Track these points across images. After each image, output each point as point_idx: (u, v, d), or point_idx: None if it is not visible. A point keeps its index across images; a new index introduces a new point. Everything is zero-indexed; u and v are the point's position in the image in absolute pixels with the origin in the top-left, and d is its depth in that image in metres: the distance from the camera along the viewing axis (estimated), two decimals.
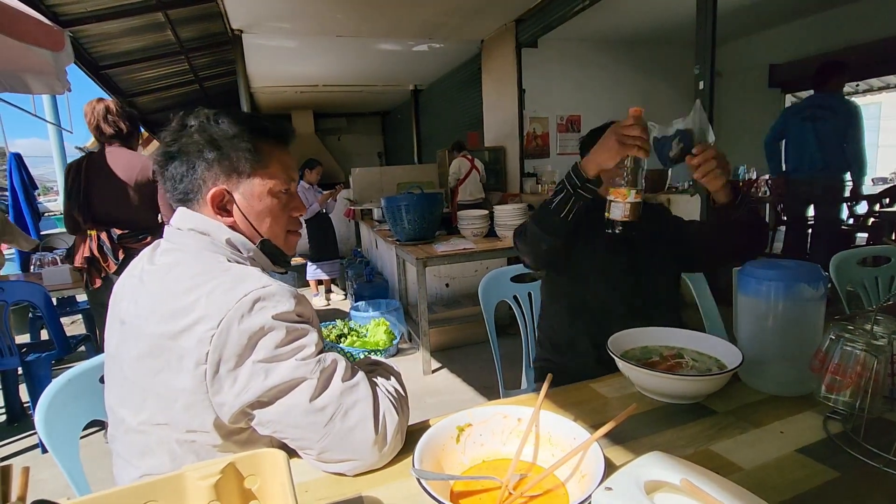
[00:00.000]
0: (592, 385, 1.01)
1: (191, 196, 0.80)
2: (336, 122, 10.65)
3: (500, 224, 3.28)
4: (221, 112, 0.81)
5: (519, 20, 4.88)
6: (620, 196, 1.03)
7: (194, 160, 0.78)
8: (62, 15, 3.84)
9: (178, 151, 0.79)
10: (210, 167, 0.79)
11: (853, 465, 0.70)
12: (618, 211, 1.04)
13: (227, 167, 0.79)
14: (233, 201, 0.80)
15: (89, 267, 2.28)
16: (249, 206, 0.81)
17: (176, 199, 0.82)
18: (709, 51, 3.07)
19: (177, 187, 0.80)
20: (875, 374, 0.73)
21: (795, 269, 0.92)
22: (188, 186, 0.80)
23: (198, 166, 0.78)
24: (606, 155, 1.04)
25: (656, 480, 0.57)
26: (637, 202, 1.03)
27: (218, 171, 0.79)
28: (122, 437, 0.76)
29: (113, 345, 0.78)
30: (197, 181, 0.79)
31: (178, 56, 5.46)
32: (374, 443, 0.72)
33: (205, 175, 0.79)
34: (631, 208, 1.03)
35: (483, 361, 3.17)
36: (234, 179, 0.80)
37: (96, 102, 2.28)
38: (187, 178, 0.79)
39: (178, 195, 0.81)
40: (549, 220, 1.18)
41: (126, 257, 2.28)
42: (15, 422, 2.69)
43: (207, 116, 0.80)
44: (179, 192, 0.80)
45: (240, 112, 0.84)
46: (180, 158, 0.79)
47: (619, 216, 1.04)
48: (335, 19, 4.56)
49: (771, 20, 5.60)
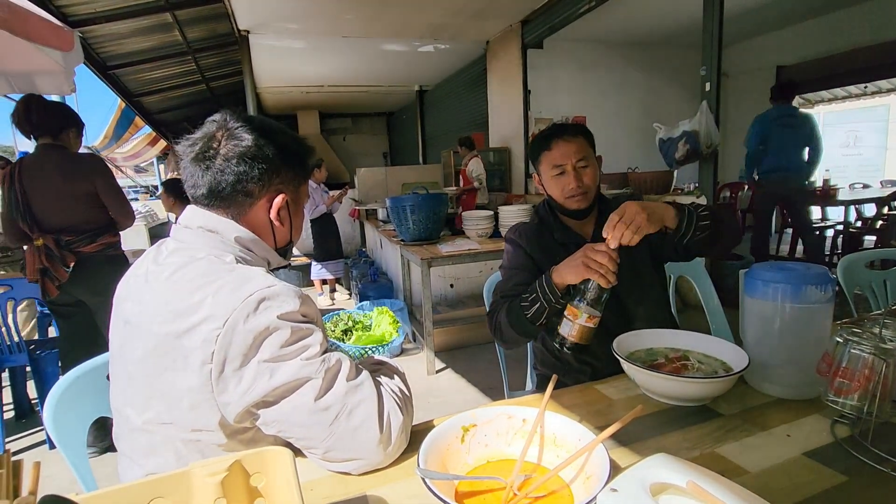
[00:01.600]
0: (597, 386, 1.01)
1: (250, 197, 0.80)
2: (341, 122, 10.69)
3: (504, 225, 3.28)
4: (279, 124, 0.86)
5: (524, 21, 4.88)
6: (572, 315, 0.99)
7: (273, 165, 0.80)
8: (71, 15, 3.88)
9: (262, 156, 0.79)
10: (278, 174, 0.82)
11: (861, 469, 0.70)
12: (566, 329, 1.00)
13: (290, 177, 0.85)
14: (286, 208, 0.85)
15: (43, 278, 2.12)
16: (295, 214, 0.89)
17: (222, 196, 0.79)
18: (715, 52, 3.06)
19: (238, 185, 0.78)
20: (883, 378, 0.72)
21: (802, 272, 0.91)
22: (252, 187, 0.79)
23: (272, 171, 0.81)
24: (571, 272, 1.03)
25: (662, 483, 0.56)
26: (588, 327, 0.99)
27: (284, 179, 0.83)
28: (127, 436, 0.77)
29: (117, 344, 0.79)
30: (267, 185, 0.81)
31: (186, 56, 5.50)
32: (379, 442, 0.72)
33: (274, 180, 0.81)
34: (579, 331, 0.99)
35: (487, 362, 3.16)
36: (290, 189, 0.85)
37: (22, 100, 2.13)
38: (257, 179, 0.79)
39: (234, 192, 0.79)
40: (524, 325, 1.15)
41: (78, 264, 2.15)
42: (23, 418, 2.72)
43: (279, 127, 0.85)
44: (239, 190, 0.79)
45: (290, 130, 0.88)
46: (259, 161, 0.79)
47: (566, 334, 1.00)
48: (342, 20, 4.58)
49: (778, 22, 5.57)
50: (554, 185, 1.29)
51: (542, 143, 1.30)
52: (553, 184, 1.29)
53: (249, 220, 0.82)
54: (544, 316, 1.11)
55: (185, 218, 0.81)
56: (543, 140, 1.30)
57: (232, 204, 0.80)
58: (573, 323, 0.99)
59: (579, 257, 1.01)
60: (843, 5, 5.09)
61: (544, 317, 1.11)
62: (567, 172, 1.26)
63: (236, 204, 0.80)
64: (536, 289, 1.12)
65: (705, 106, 3.18)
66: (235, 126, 0.80)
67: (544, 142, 1.30)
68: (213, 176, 0.78)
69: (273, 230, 0.85)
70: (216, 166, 0.78)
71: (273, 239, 0.85)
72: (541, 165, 1.32)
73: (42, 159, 2.11)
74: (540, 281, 1.12)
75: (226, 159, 0.78)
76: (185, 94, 7.13)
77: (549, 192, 1.32)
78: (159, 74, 6.02)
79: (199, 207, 0.81)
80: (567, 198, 1.28)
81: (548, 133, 1.31)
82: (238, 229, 0.79)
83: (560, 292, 1.07)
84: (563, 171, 1.26)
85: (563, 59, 5.57)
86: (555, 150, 1.27)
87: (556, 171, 1.27)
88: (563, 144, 1.27)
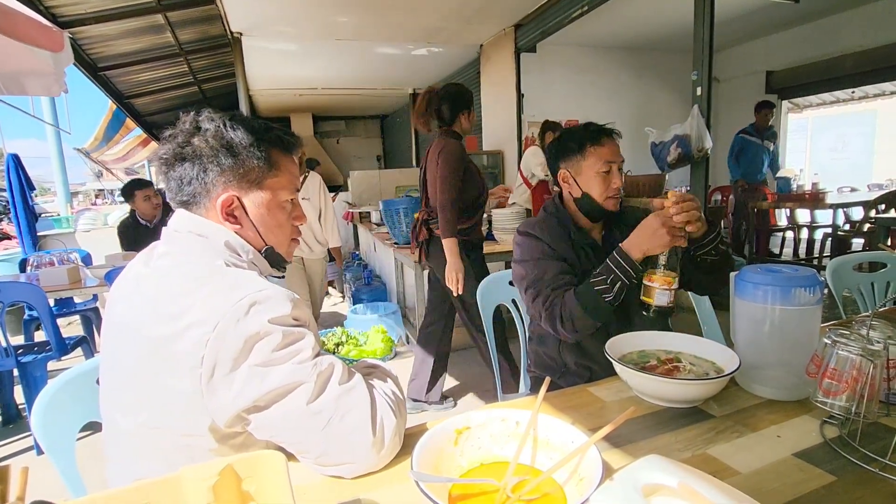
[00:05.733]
0: (590, 389, 1.02)
1: (197, 199, 0.79)
2: (335, 125, 10.65)
3: (497, 228, 3.29)
4: (236, 117, 0.81)
5: (518, 25, 4.90)
6: (666, 283, 1.06)
7: (207, 164, 0.77)
8: (61, 16, 3.85)
9: (191, 154, 0.78)
10: (223, 172, 0.78)
11: (849, 469, 0.71)
12: (664, 298, 1.07)
13: (241, 174, 0.79)
14: (241, 208, 0.80)
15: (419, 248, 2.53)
16: (258, 214, 0.82)
17: (179, 200, 0.80)
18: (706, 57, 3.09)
19: (183, 189, 0.79)
20: (871, 379, 0.73)
21: (792, 275, 0.92)
22: (196, 189, 0.78)
23: (210, 170, 0.78)
24: (656, 244, 1.08)
25: (654, 484, 0.57)
26: (676, 288, 1.09)
27: (230, 176, 0.79)
28: (115, 440, 0.76)
29: (108, 348, 0.78)
30: (207, 185, 0.78)
31: (178, 58, 5.47)
32: (372, 445, 0.72)
33: (216, 179, 0.78)
34: (674, 294, 1.08)
35: (481, 365, 3.15)
36: (244, 187, 0.80)
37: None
38: (197, 181, 0.78)
39: (184, 197, 0.79)
40: (603, 311, 1.15)
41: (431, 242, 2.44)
42: (10, 423, 2.67)
43: (224, 121, 0.80)
44: (186, 193, 0.79)
45: (252, 118, 0.83)
46: (192, 161, 0.78)
47: (665, 302, 1.07)
48: (335, 23, 4.57)
49: (768, 27, 5.65)
50: (597, 182, 1.25)
51: (590, 137, 1.26)
52: (597, 181, 1.25)
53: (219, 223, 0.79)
54: (622, 295, 1.14)
55: (174, 222, 0.80)
56: (591, 135, 1.26)
57: (193, 208, 0.80)
58: (670, 290, 1.07)
59: (658, 228, 1.06)
60: (832, 12, 5.17)
61: (622, 295, 1.14)
62: (613, 172, 1.25)
63: (195, 207, 0.80)
64: (613, 269, 1.13)
65: (696, 110, 3.21)
66: (179, 128, 0.79)
67: (593, 137, 1.26)
68: (165, 181, 0.79)
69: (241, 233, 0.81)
70: (164, 171, 0.79)
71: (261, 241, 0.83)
72: (585, 160, 1.26)
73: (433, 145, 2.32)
74: (613, 262, 1.14)
75: (168, 163, 0.78)
76: (177, 97, 7.09)
77: (588, 188, 1.27)
78: (151, 76, 5.97)
79: (185, 210, 0.80)
80: (607, 197, 1.26)
81: (594, 129, 1.28)
82: (227, 234, 0.79)
83: (640, 267, 1.12)
84: (610, 170, 1.25)
85: (557, 64, 5.61)
86: (606, 147, 1.25)
87: (605, 168, 1.24)
88: (611, 143, 1.26)
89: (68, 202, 7.66)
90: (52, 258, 3.37)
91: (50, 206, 11.10)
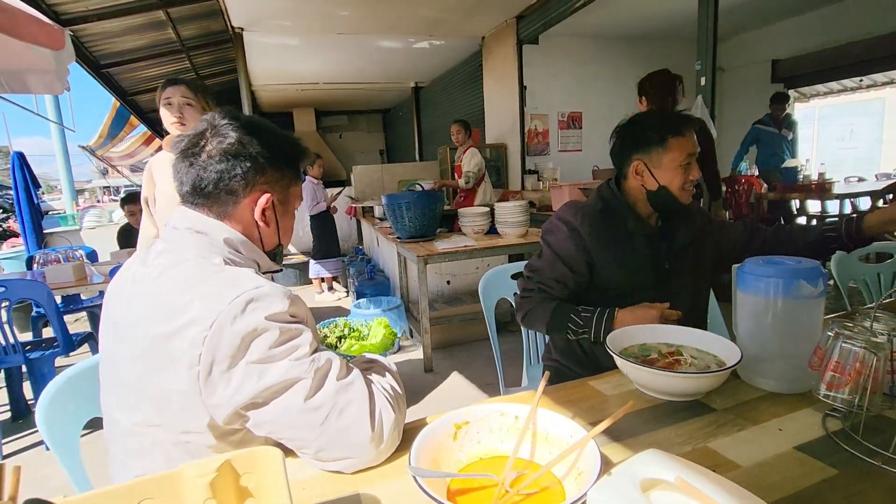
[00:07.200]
0: (591, 382, 1.01)
1: (232, 195, 0.79)
2: (338, 119, 10.63)
3: (501, 221, 3.28)
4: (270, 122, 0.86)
5: (520, 17, 4.86)
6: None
7: (259, 164, 0.79)
8: (63, 14, 3.84)
9: (244, 153, 0.78)
10: (267, 174, 0.81)
11: (852, 462, 0.70)
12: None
13: (278, 178, 0.83)
14: (272, 209, 0.83)
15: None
16: (282, 216, 0.87)
17: (205, 194, 0.78)
18: (710, 46, 3.05)
19: (222, 183, 0.77)
20: (874, 372, 0.72)
21: (795, 266, 0.91)
22: (235, 186, 0.78)
23: (258, 170, 0.79)
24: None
25: (652, 478, 0.56)
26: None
27: (270, 178, 0.82)
28: (116, 438, 0.77)
29: (107, 346, 0.79)
30: (250, 183, 0.79)
31: (180, 54, 5.46)
32: (371, 440, 0.72)
33: (259, 179, 0.80)
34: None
35: (484, 358, 3.17)
36: (277, 190, 0.84)
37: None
38: (241, 178, 0.78)
39: (217, 190, 0.78)
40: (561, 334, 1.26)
41: None
42: (20, 419, 2.71)
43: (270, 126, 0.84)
44: (221, 188, 0.78)
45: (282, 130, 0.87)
46: (244, 159, 0.78)
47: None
48: (336, 16, 4.55)
49: (773, 15, 5.56)
50: (678, 173, 1.22)
51: (672, 128, 1.21)
52: (678, 172, 1.21)
53: (235, 220, 0.81)
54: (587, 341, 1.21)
55: (173, 219, 0.80)
56: (673, 125, 1.22)
57: (216, 202, 0.79)
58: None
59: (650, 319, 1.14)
60: None
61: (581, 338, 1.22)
62: (693, 164, 1.23)
63: (220, 202, 0.79)
64: (591, 323, 1.20)
65: (700, 101, 3.17)
66: (222, 123, 0.79)
67: (675, 127, 1.21)
68: (196, 172, 0.78)
69: (259, 231, 0.83)
70: (199, 163, 0.77)
71: (260, 241, 0.84)
72: (667, 153, 1.21)
73: None
74: (598, 317, 1.19)
75: (209, 156, 0.77)
76: None
77: (668, 182, 1.22)
78: (153, 73, 5.97)
79: (187, 207, 0.80)
80: (684, 189, 1.23)
81: (675, 119, 1.24)
82: (227, 230, 0.79)
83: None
84: (690, 163, 1.22)
85: (559, 55, 5.55)
86: (688, 139, 1.21)
87: (687, 161, 1.21)
88: (691, 133, 1.22)
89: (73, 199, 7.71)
90: (58, 255, 3.39)
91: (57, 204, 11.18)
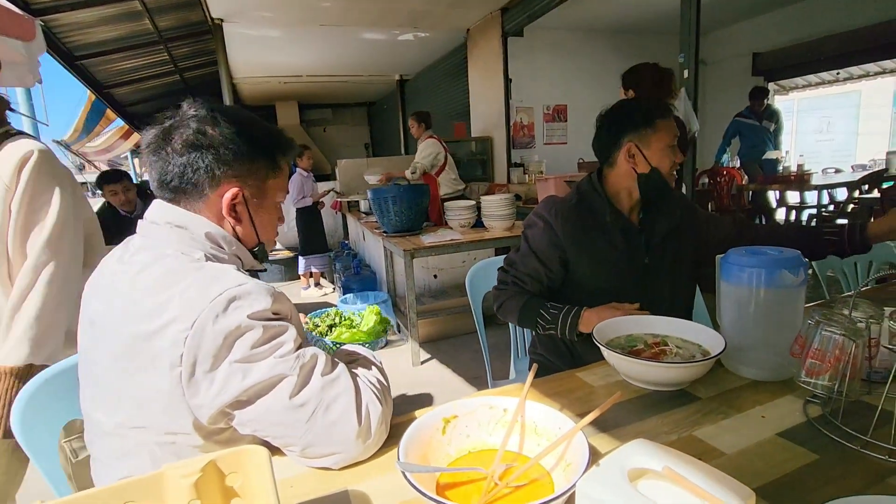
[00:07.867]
0: (578, 374, 1.02)
1: (198, 189, 0.76)
2: (321, 113, 10.50)
3: (487, 215, 3.28)
4: (246, 112, 0.82)
5: (504, 9, 4.84)
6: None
7: (222, 155, 0.75)
8: (33, 3, 3.71)
9: (206, 143, 0.75)
10: (234, 166, 0.77)
11: (832, 447, 0.72)
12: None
13: (249, 170, 0.79)
14: (244, 203, 0.79)
15: None
16: (257, 211, 0.82)
17: (173, 187, 0.76)
18: (693, 40, 3.08)
19: (185, 176, 0.75)
20: (853, 358, 0.74)
21: (776, 256, 0.93)
22: (201, 179, 0.75)
23: (223, 162, 0.76)
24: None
25: (640, 468, 0.57)
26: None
27: (240, 171, 0.78)
28: (98, 440, 0.75)
29: (85, 346, 0.76)
30: (216, 176, 0.76)
31: (157, 46, 5.32)
32: (358, 435, 0.71)
33: (226, 172, 0.76)
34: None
35: (472, 352, 3.18)
36: (249, 183, 0.80)
37: None
38: (205, 171, 0.75)
39: (183, 184, 0.75)
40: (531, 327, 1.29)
41: None
42: None
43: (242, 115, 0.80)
44: (187, 181, 0.75)
45: (261, 120, 0.84)
46: (206, 150, 0.75)
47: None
48: (318, 7, 4.48)
49: (754, 9, 5.63)
50: (667, 156, 1.24)
51: (661, 112, 1.25)
52: (667, 153, 1.24)
53: (207, 216, 0.77)
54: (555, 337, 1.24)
55: (151, 213, 0.78)
56: (660, 108, 1.26)
57: (183, 197, 0.77)
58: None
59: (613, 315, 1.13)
60: None
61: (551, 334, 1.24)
62: (676, 147, 1.25)
63: (187, 197, 0.77)
64: (559, 319, 1.21)
65: (683, 93, 3.20)
66: (190, 114, 0.77)
67: (664, 111, 1.25)
68: (161, 165, 0.75)
69: (234, 228, 0.80)
70: (163, 155, 0.75)
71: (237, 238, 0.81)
72: (655, 133, 1.23)
73: None
74: (564, 315, 1.20)
75: (173, 148, 0.75)
76: (158, 85, 6.91)
77: (658, 163, 1.24)
78: (130, 65, 5.82)
79: (164, 202, 0.78)
80: (671, 173, 1.26)
81: (659, 103, 1.28)
82: (208, 224, 0.77)
83: (579, 338, 1.20)
84: (674, 145, 1.25)
85: (544, 47, 5.55)
86: (671, 122, 1.25)
87: (672, 142, 1.24)
88: (671, 117, 1.26)
89: None
90: None
91: None
